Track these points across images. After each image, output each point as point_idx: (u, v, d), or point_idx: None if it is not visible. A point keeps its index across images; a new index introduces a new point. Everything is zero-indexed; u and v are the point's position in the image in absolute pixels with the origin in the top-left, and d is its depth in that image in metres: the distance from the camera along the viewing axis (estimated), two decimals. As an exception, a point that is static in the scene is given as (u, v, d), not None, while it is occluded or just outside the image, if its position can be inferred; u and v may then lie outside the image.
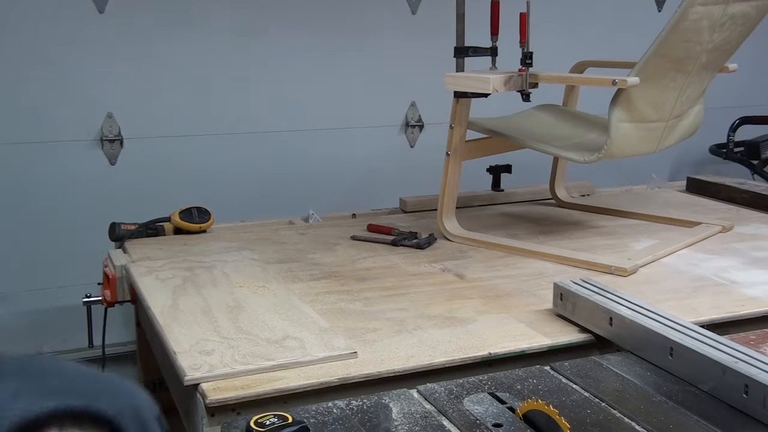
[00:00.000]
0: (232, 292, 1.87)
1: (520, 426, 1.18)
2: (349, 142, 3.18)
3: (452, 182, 2.33)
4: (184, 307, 1.77)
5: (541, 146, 2.23)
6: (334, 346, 1.56)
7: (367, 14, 3.13)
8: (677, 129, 2.27)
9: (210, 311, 1.75)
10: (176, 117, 2.92)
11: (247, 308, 1.77)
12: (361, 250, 2.27)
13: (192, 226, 2.26)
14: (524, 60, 2.13)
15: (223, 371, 1.46)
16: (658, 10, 3.60)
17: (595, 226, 2.51)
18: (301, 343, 1.57)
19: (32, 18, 2.68)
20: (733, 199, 2.78)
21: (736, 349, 1.34)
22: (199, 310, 1.76)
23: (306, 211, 2.63)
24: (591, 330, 1.63)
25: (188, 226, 2.26)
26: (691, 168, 3.59)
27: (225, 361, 1.49)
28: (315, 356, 1.52)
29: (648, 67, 1.99)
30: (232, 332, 1.64)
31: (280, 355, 1.52)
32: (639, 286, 1.93)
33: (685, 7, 1.90)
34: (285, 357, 1.51)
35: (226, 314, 1.74)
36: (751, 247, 2.25)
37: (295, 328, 1.65)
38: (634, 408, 1.26)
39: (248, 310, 1.76)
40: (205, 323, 1.68)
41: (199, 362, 1.48)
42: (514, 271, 2.08)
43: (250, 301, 1.81)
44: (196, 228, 2.27)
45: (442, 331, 1.68)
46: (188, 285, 1.93)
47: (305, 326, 1.66)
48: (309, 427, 1.17)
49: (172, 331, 1.64)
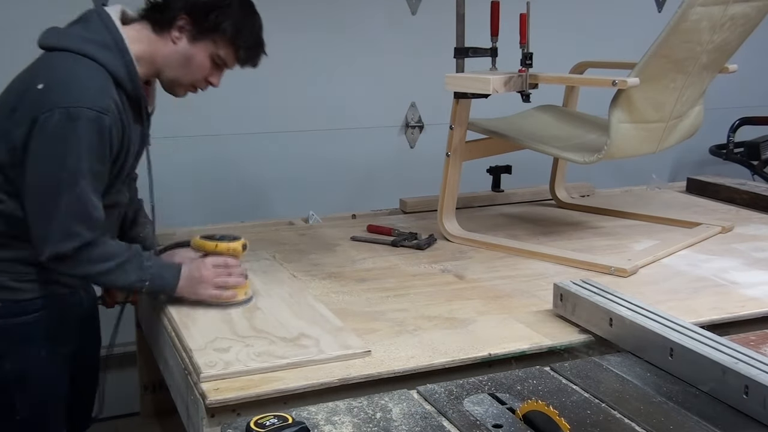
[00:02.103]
0: (246, 292, 1.84)
1: (520, 427, 1.18)
2: (349, 142, 3.18)
3: (452, 183, 2.33)
4: (199, 306, 1.77)
5: (541, 147, 2.23)
6: (349, 345, 1.56)
7: (367, 15, 3.13)
8: (677, 130, 2.27)
9: (225, 310, 1.75)
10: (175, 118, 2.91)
11: (262, 307, 1.77)
12: (361, 251, 2.27)
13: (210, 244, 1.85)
14: (524, 61, 2.13)
15: (239, 368, 1.46)
16: (658, 10, 3.60)
17: (595, 226, 2.51)
18: (316, 341, 1.58)
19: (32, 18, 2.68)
20: (733, 200, 2.78)
21: (736, 350, 1.34)
22: (215, 309, 1.76)
23: (306, 212, 2.63)
24: (591, 331, 1.63)
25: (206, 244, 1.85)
26: (691, 169, 3.58)
27: (240, 359, 1.49)
28: (330, 355, 1.53)
29: (648, 67, 1.99)
30: (247, 330, 1.64)
31: (295, 353, 1.52)
32: (639, 286, 1.93)
33: (685, 7, 1.90)
34: (300, 355, 1.52)
35: (242, 313, 1.74)
36: (751, 248, 2.25)
37: (310, 327, 1.65)
38: (634, 409, 1.26)
39: (264, 309, 1.76)
40: (221, 322, 1.69)
41: (215, 359, 1.49)
42: (514, 271, 2.08)
43: (265, 300, 1.82)
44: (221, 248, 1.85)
45: (442, 331, 1.68)
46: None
47: (320, 325, 1.67)
48: (309, 427, 1.17)
49: (188, 329, 1.64)
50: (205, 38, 1.74)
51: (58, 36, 1.71)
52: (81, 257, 1.63)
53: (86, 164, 1.61)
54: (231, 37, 1.75)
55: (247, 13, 1.79)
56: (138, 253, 1.72)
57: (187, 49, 1.75)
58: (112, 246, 1.69)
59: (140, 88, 1.73)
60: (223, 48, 1.76)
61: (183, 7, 1.73)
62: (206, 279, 1.74)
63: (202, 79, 1.80)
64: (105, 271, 1.66)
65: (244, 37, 1.77)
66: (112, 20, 1.71)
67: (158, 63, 1.75)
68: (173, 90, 1.81)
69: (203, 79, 1.80)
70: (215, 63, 1.78)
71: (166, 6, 1.75)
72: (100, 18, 1.72)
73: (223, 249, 1.80)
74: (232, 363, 1.48)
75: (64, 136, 1.59)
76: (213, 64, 1.78)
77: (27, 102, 1.62)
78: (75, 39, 1.68)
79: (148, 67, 1.75)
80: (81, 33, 1.70)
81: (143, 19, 1.76)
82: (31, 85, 1.63)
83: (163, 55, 1.75)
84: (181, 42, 1.74)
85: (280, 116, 3.03)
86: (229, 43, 1.76)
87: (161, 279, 1.73)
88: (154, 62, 1.75)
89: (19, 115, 1.62)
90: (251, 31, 1.79)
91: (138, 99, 1.74)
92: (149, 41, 1.74)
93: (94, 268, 1.66)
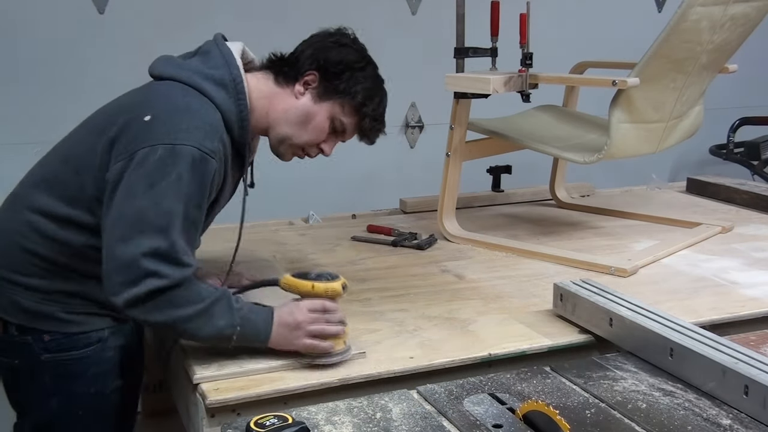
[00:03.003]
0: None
1: (520, 427, 1.18)
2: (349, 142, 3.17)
3: (452, 183, 2.33)
4: None
5: (541, 147, 2.23)
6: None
7: (367, 14, 3.13)
8: (677, 130, 2.27)
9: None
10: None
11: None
12: (361, 251, 2.27)
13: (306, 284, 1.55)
14: (524, 61, 2.13)
15: (233, 370, 1.46)
16: (658, 10, 3.61)
17: (595, 226, 2.51)
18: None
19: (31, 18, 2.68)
20: (733, 200, 2.78)
21: (736, 350, 1.34)
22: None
23: (306, 212, 2.63)
24: (591, 331, 1.63)
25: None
26: (691, 169, 3.59)
27: (235, 360, 1.49)
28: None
29: (648, 67, 1.99)
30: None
31: (291, 354, 1.51)
32: (639, 286, 1.93)
33: (685, 7, 1.90)
34: (295, 356, 1.50)
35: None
36: (751, 248, 2.25)
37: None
38: (634, 409, 1.26)
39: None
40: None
41: (210, 360, 1.48)
42: (514, 271, 2.08)
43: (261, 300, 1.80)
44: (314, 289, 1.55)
45: (443, 331, 1.68)
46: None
47: None
48: (309, 427, 1.17)
49: None
50: (332, 99, 1.63)
51: (174, 66, 1.59)
52: (162, 299, 1.41)
53: (183, 207, 1.44)
54: (359, 104, 1.64)
55: (378, 83, 1.70)
56: (227, 294, 1.49)
57: (309, 106, 1.63)
58: (198, 287, 1.45)
59: (248, 134, 1.60)
60: (348, 114, 1.65)
61: (314, 62, 1.62)
62: (302, 326, 1.48)
63: (315, 144, 1.67)
64: (189, 316, 1.42)
65: (372, 107, 1.66)
66: (233, 57, 1.60)
67: (273, 117, 1.64)
68: (281, 149, 1.68)
69: (316, 144, 1.67)
70: (334, 128, 1.66)
71: (296, 59, 1.64)
72: (222, 53, 1.60)
73: (321, 291, 1.52)
74: (226, 364, 1.47)
75: (166, 174, 1.43)
76: (331, 129, 1.66)
77: (130, 134, 1.48)
78: (191, 72, 1.56)
79: (260, 120, 1.63)
80: (199, 67, 1.58)
81: (267, 69, 1.66)
82: (138, 116, 1.49)
83: (281, 108, 1.63)
84: (304, 98, 1.63)
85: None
86: (356, 109, 1.65)
87: (253, 325, 1.47)
88: (268, 115, 1.63)
89: (120, 147, 1.48)
90: (380, 103, 1.68)
91: (243, 146, 1.61)
92: (269, 92, 1.63)
93: (175, 312, 1.42)
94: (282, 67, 1.65)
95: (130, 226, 1.42)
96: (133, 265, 1.40)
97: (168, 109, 1.50)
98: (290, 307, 1.51)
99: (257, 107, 1.62)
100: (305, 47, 1.66)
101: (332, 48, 1.65)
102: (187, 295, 1.42)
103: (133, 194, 1.43)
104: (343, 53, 1.64)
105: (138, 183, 1.43)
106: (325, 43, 1.65)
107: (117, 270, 1.41)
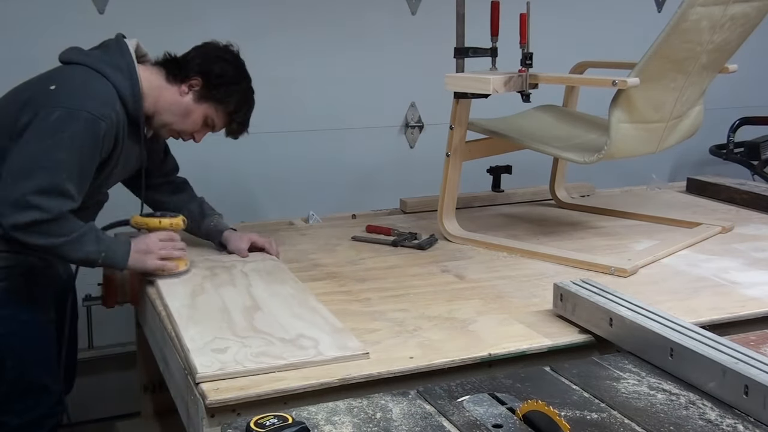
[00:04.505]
0: (249, 292, 1.86)
1: (520, 427, 1.18)
2: (349, 142, 3.18)
3: (452, 183, 2.33)
4: (201, 306, 1.78)
5: (541, 147, 2.23)
6: (347, 347, 1.56)
7: (367, 15, 3.12)
8: (677, 129, 2.27)
9: (227, 310, 1.75)
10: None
11: (263, 308, 1.77)
12: (361, 251, 2.27)
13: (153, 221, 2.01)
14: (524, 61, 2.13)
15: (236, 369, 1.46)
16: (658, 10, 3.60)
17: (595, 226, 2.51)
18: (315, 343, 1.57)
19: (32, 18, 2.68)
20: (733, 200, 2.78)
21: (736, 350, 1.34)
22: (216, 309, 1.76)
23: (306, 212, 2.63)
24: (591, 331, 1.63)
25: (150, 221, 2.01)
26: (691, 169, 3.58)
27: (238, 359, 1.49)
28: (327, 356, 1.52)
29: (648, 67, 1.99)
30: (246, 331, 1.64)
31: (293, 354, 1.52)
32: (639, 286, 1.93)
33: (685, 7, 1.90)
34: (297, 356, 1.51)
35: (242, 313, 1.73)
36: (752, 248, 2.25)
37: (309, 328, 1.65)
38: (635, 409, 1.26)
39: (264, 310, 1.76)
40: (220, 322, 1.69)
41: (212, 360, 1.49)
42: (514, 271, 2.08)
43: (267, 301, 1.81)
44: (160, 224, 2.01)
45: (443, 331, 1.68)
46: (207, 283, 1.93)
47: (320, 326, 1.66)
48: (309, 427, 1.17)
49: (187, 330, 1.64)
50: (209, 103, 1.99)
51: (79, 54, 1.93)
52: (39, 230, 1.76)
53: (72, 159, 1.78)
54: (231, 111, 2.02)
55: (249, 95, 2.06)
56: (94, 228, 1.87)
57: (190, 104, 1.98)
58: (71, 222, 1.81)
59: (141, 109, 1.92)
60: (220, 117, 2.02)
61: (200, 71, 1.97)
62: (153, 251, 1.91)
63: (189, 132, 2.03)
64: (61, 243, 1.79)
65: (240, 115, 2.05)
66: (128, 49, 1.94)
67: (159, 105, 1.97)
68: (160, 131, 2.04)
69: (190, 133, 2.03)
70: (206, 124, 2.02)
71: (186, 63, 1.99)
72: (118, 45, 1.95)
73: (167, 224, 1.97)
74: (228, 364, 1.48)
75: (59, 131, 1.77)
76: (204, 124, 2.02)
77: (37, 98, 1.83)
78: (93, 58, 1.91)
79: (149, 106, 1.96)
80: (99, 55, 1.93)
81: (160, 65, 2.00)
82: (45, 86, 1.85)
83: (167, 100, 1.98)
84: (186, 97, 1.98)
85: (280, 116, 3.02)
86: (227, 115, 2.03)
87: (114, 252, 1.87)
88: (156, 103, 1.97)
89: (28, 108, 1.81)
90: (246, 113, 2.07)
91: (137, 119, 1.93)
92: (159, 85, 1.97)
93: (49, 240, 1.78)
94: (172, 68, 1.99)
95: (24, 167, 1.77)
96: (21, 198, 1.75)
97: (70, 83, 1.85)
98: (143, 237, 1.94)
99: (147, 95, 1.94)
100: (196, 55, 2.00)
101: (217, 61, 2.00)
102: (61, 227, 1.79)
103: (31, 143, 1.78)
104: (225, 68, 2.00)
105: (36, 135, 1.78)
106: (212, 55, 2.01)
107: (7, 200, 1.76)
